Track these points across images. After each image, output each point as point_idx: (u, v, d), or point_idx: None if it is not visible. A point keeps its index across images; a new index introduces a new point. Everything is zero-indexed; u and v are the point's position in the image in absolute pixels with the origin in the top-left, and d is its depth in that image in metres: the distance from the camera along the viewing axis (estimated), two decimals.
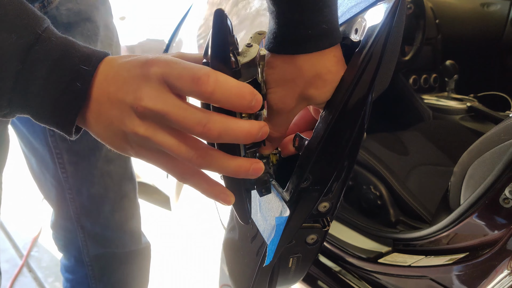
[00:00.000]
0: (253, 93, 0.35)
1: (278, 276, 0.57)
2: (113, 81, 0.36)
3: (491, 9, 1.75)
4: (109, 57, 0.38)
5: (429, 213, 1.08)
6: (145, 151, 0.38)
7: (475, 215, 0.70)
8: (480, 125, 1.53)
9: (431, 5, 1.65)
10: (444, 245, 0.78)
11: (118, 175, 0.90)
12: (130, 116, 0.36)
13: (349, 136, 0.42)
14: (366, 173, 1.18)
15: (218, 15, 0.35)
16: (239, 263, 0.64)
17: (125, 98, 0.36)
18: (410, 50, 1.58)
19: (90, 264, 0.95)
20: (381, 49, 0.40)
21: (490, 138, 0.79)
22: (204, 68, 0.34)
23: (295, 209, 0.44)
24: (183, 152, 0.36)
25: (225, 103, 0.35)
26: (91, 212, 0.90)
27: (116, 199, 0.91)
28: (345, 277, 0.93)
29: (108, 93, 0.36)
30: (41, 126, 0.79)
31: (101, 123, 0.38)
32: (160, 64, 0.35)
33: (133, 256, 1.00)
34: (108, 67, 0.37)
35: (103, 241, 0.94)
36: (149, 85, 0.35)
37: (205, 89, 0.34)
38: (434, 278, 0.75)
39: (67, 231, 0.93)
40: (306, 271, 0.59)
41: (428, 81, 1.71)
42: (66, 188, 0.86)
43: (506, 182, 0.65)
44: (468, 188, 0.82)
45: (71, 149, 0.82)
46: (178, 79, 0.34)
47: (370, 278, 0.88)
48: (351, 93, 0.40)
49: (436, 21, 1.66)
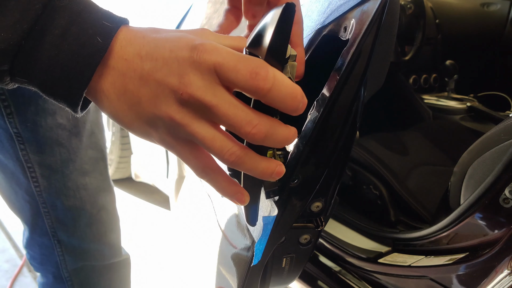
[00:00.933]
0: (303, 95, 0.33)
1: (271, 276, 0.57)
2: (150, 58, 0.34)
3: (491, 9, 1.75)
4: (131, 27, 0.35)
5: (429, 213, 1.08)
6: (172, 139, 0.36)
7: (475, 215, 0.69)
8: (480, 125, 1.53)
9: (431, 5, 1.65)
10: (444, 245, 0.78)
11: (94, 187, 0.87)
12: (168, 100, 0.33)
13: (339, 135, 0.41)
14: (366, 173, 1.18)
15: (288, 9, 0.32)
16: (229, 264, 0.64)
17: (167, 80, 0.33)
18: (410, 50, 1.58)
19: (70, 279, 0.92)
20: (370, 47, 0.39)
21: (490, 138, 0.79)
22: (262, 62, 0.32)
23: (284, 208, 0.44)
24: (217, 146, 0.34)
25: (279, 102, 0.33)
26: (67, 226, 0.86)
27: (93, 212, 0.88)
28: (345, 277, 0.93)
29: (141, 69, 0.34)
30: (10, 141, 0.75)
31: (124, 100, 0.35)
32: (213, 52, 0.33)
33: (113, 268, 0.98)
34: (140, 40, 0.34)
35: (81, 254, 0.91)
36: (199, 72, 0.33)
37: (263, 85, 0.32)
38: (434, 278, 0.75)
39: (43, 247, 0.89)
40: (300, 271, 0.58)
41: (428, 81, 1.71)
42: (40, 203, 0.83)
43: (506, 182, 0.65)
44: (468, 188, 0.82)
45: (43, 162, 0.79)
46: (233, 71, 0.32)
47: (370, 278, 0.88)
48: (340, 91, 0.40)
49: (436, 21, 1.66)
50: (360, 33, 0.39)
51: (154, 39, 0.35)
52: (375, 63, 0.58)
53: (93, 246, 0.92)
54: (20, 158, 0.77)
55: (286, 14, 0.32)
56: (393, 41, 0.57)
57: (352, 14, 0.43)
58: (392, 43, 0.57)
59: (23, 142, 0.75)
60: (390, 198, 1.13)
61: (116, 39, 0.34)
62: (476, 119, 1.57)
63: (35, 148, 0.76)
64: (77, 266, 0.92)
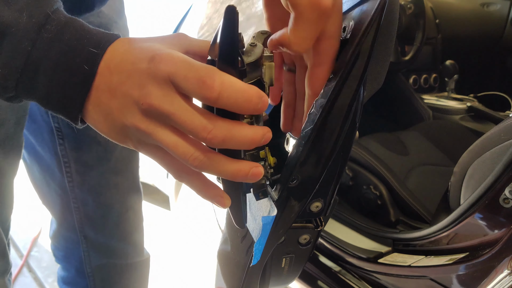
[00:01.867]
0: (260, 95, 0.34)
1: (270, 276, 0.57)
2: (116, 71, 0.35)
3: (491, 9, 1.75)
4: (118, 41, 0.37)
5: (429, 213, 1.08)
6: (145, 145, 0.38)
7: (475, 215, 0.69)
8: (480, 125, 1.53)
9: (431, 5, 1.65)
10: (444, 245, 0.78)
11: (125, 187, 0.90)
12: (132, 110, 0.35)
13: (338, 135, 0.41)
14: (366, 173, 1.18)
15: (230, 12, 0.33)
16: (229, 263, 0.64)
17: (130, 92, 0.35)
18: (410, 50, 1.58)
19: (92, 274, 0.94)
20: (369, 46, 0.39)
21: (490, 138, 0.79)
22: (210, 70, 0.33)
23: (283, 209, 0.44)
24: (181, 152, 0.36)
25: (231, 107, 0.34)
26: (95, 223, 0.89)
27: (122, 211, 0.90)
28: (345, 277, 0.93)
29: (109, 83, 0.36)
30: (50, 135, 0.79)
31: (99, 112, 0.37)
32: (168, 63, 0.34)
33: (135, 267, 0.99)
34: (112, 54, 0.36)
35: (106, 252, 0.93)
36: (156, 83, 0.34)
37: (210, 94, 0.33)
38: (434, 278, 0.75)
39: (69, 241, 0.92)
40: (299, 271, 0.58)
41: (428, 81, 1.71)
42: (71, 198, 0.85)
43: (506, 182, 0.65)
44: (468, 188, 0.82)
45: (79, 158, 0.81)
46: (183, 80, 0.34)
47: (370, 278, 0.88)
48: (339, 91, 0.39)
49: (436, 21, 1.66)
50: (359, 33, 0.39)
51: (125, 51, 0.36)
52: (374, 63, 0.58)
53: (119, 244, 0.94)
54: (58, 152, 0.80)
55: (227, 16, 0.33)
56: (393, 41, 0.57)
57: (351, 14, 0.43)
58: (392, 43, 0.57)
59: (62, 137, 0.79)
60: (390, 198, 1.13)
61: (102, 61, 0.36)
62: (476, 119, 1.57)
63: (73, 144, 0.80)
64: (101, 263, 0.93)
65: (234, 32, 0.34)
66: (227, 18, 0.33)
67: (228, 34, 0.33)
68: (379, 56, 0.57)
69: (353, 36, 0.40)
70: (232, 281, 0.62)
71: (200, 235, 1.58)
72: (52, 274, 1.83)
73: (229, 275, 0.64)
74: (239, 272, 0.56)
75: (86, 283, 0.95)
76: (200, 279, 1.60)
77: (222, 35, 0.33)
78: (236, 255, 0.59)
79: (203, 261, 1.54)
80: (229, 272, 0.65)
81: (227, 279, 0.66)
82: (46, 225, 2.04)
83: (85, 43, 0.35)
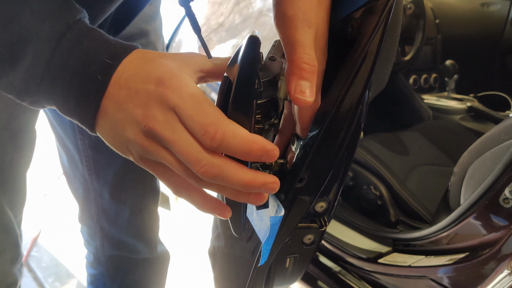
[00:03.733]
0: (263, 148, 0.34)
1: (275, 276, 0.57)
2: (126, 85, 0.36)
3: (491, 9, 1.75)
4: (133, 53, 0.37)
5: (429, 213, 1.08)
6: (145, 160, 0.38)
7: (475, 215, 0.69)
8: (480, 125, 1.53)
9: (431, 5, 1.65)
10: (444, 245, 0.78)
11: (142, 187, 0.92)
12: (135, 128, 0.36)
13: (345, 135, 0.41)
14: (366, 173, 1.18)
15: (252, 43, 0.32)
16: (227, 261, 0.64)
17: (134, 110, 0.35)
18: (410, 50, 1.58)
19: (106, 263, 0.98)
20: (376, 47, 0.39)
21: (490, 138, 0.79)
22: (216, 119, 0.34)
23: (290, 209, 0.44)
24: (181, 170, 0.36)
25: (232, 154, 0.35)
26: (110, 216, 0.92)
27: (135, 210, 0.93)
28: (345, 277, 0.93)
29: (118, 95, 0.36)
30: (72, 129, 0.81)
31: (106, 122, 0.37)
32: (176, 94, 0.34)
33: (148, 262, 1.02)
34: (125, 67, 0.37)
35: (118, 245, 0.96)
36: (160, 107, 0.35)
37: (210, 143, 0.34)
38: (434, 278, 0.75)
39: (90, 228, 0.96)
40: (303, 271, 0.59)
41: (428, 81, 1.71)
42: (91, 189, 0.88)
43: (506, 182, 0.65)
44: (468, 188, 0.82)
45: (97, 155, 0.83)
46: (188, 119, 0.34)
47: (370, 278, 0.88)
48: (346, 91, 0.39)
49: (436, 21, 1.66)
50: (366, 34, 0.39)
51: (136, 66, 0.36)
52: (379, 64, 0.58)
53: (130, 241, 0.97)
54: (79, 146, 0.83)
55: (248, 50, 0.33)
56: (397, 42, 0.57)
57: (358, 14, 0.43)
58: (395, 43, 0.57)
59: (82, 133, 0.81)
60: (390, 198, 1.13)
61: (116, 72, 0.37)
62: (476, 119, 1.57)
63: (91, 141, 0.82)
64: (113, 253, 0.97)
65: (252, 74, 0.33)
66: (249, 50, 0.32)
67: (246, 76, 0.33)
68: (384, 56, 0.57)
69: (360, 36, 0.40)
70: (236, 280, 0.62)
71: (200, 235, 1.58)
72: (52, 274, 1.83)
73: (228, 273, 0.64)
74: (244, 272, 0.56)
75: (102, 270, 0.99)
76: (200, 279, 1.60)
77: (239, 75, 0.33)
78: (241, 254, 0.59)
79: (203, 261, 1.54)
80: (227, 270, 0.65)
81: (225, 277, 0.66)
82: (46, 225, 2.04)
83: (102, 53, 0.36)
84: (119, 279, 1.00)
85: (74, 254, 1.85)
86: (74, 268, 1.80)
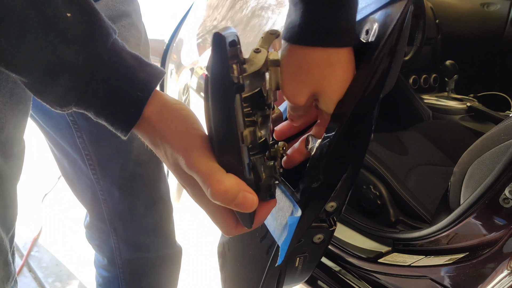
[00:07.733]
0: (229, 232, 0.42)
1: (285, 276, 0.57)
2: (165, 126, 0.40)
3: (491, 9, 1.75)
4: (161, 96, 0.41)
5: (429, 213, 1.08)
6: None
7: (475, 215, 0.70)
8: (480, 125, 1.53)
9: (431, 5, 1.65)
10: (444, 245, 0.78)
11: (151, 178, 0.89)
12: (165, 161, 0.42)
13: (361, 136, 0.42)
14: (366, 173, 1.18)
15: (216, 39, 0.34)
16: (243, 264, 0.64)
17: (165, 152, 0.41)
18: (410, 50, 1.58)
19: (122, 266, 0.94)
20: (394, 49, 0.40)
21: (490, 138, 0.79)
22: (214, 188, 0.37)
23: (305, 208, 0.45)
24: None
25: None
26: (122, 215, 0.88)
27: (149, 203, 0.89)
28: (345, 277, 0.93)
29: (153, 138, 0.41)
30: (68, 128, 0.78)
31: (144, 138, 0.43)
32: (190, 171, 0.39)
33: (166, 260, 0.99)
34: (160, 114, 0.40)
35: (136, 245, 0.93)
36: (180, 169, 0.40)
37: None
38: (434, 278, 0.75)
39: (102, 232, 0.92)
40: (312, 270, 0.59)
41: (428, 81, 1.71)
42: (98, 189, 0.85)
43: (506, 182, 0.65)
44: (468, 188, 0.82)
45: (99, 150, 0.81)
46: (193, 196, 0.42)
47: (370, 278, 0.89)
48: (364, 93, 0.40)
49: (436, 21, 1.66)
50: (385, 37, 0.39)
51: (173, 110, 0.41)
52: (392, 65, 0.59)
53: (148, 238, 0.93)
54: (78, 146, 0.80)
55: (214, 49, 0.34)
56: (406, 42, 0.58)
57: (375, 17, 0.43)
58: (405, 44, 0.57)
59: (79, 130, 0.78)
60: (390, 198, 1.13)
61: (152, 103, 0.40)
62: (476, 119, 1.57)
63: (90, 137, 0.79)
64: (131, 257, 0.94)
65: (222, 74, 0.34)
66: (214, 48, 0.34)
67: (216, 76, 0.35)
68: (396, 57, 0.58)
69: (379, 39, 0.41)
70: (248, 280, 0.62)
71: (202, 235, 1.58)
72: (52, 274, 1.83)
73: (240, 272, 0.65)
74: (257, 271, 0.56)
75: (117, 273, 0.96)
76: (202, 279, 1.60)
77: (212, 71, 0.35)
78: (254, 253, 0.60)
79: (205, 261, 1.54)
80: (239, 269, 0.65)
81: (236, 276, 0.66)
82: (46, 225, 2.04)
83: (134, 86, 0.39)
84: (136, 282, 0.97)
85: (75, 254, 1.85)
86: (75, 268, 1.80)
